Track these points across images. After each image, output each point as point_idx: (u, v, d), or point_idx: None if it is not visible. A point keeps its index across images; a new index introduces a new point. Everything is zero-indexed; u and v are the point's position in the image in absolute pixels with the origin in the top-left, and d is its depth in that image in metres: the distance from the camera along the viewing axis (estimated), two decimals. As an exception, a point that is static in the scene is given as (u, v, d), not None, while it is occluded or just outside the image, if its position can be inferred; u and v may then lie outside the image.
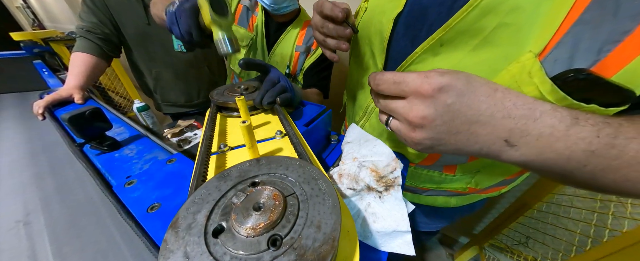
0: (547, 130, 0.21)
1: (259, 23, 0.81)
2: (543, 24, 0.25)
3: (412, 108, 0.25)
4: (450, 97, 0.23)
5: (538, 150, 0.22)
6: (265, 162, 0.24)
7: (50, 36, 1.54)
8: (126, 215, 0.31)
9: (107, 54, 0.89)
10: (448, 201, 0.54)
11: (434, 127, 0.24)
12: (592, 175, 0.22)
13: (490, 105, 0.22)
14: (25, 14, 3.60)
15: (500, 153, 0.23)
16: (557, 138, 0.21)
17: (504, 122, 0.22)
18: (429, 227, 0.67)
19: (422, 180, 0.51)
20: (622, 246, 0.62)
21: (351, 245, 0.20)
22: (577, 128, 0.21)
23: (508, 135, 0.22)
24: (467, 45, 0.31)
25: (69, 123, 0.43)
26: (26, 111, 0.74)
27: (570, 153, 0.21)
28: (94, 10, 0.85)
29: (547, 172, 0.24)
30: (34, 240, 0.34)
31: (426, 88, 0.23)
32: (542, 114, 0.22)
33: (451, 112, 0.23)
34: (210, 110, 0.43)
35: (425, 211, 0.61)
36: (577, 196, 0.80)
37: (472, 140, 0.24)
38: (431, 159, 0.45)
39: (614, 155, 0.20)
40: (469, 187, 0.47)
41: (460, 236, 1.36)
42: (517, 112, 0.22)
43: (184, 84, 1.09)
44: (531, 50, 0.26)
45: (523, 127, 0.22)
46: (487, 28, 0.28)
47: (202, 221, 0.18)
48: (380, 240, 0.30)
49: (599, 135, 0.20)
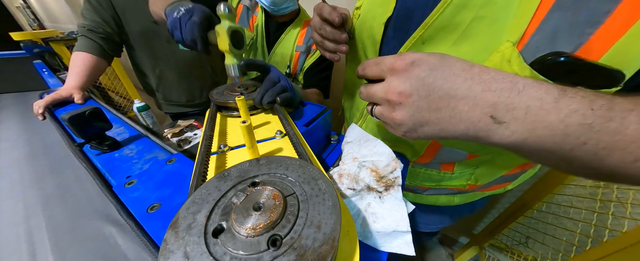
0: (534, 102, 0.20)
1: (259, 23, 0.81)
2: (517, 13, 0.26)
3: (389, 86, 0.25)
4: (423, 71, 0.23)
5: (530, 126, 0.20)
6: (265, 162, 0.24)
7: (50, 36, 1.54)
8: (126, 215, 0.31)
9: (108, 53, 0.88)
10: (451, 199, 0.54)
11: (412, 102, 0.24)
12: (595, 156, 0.19)
13: (466, 78, 0.22)
14: (25, 14, 3.60)
15: (489, 132, 0.22)
16: (547, 111, 0.19)
17: (485, 95, 0.21)
18: (429, 228, 0.67)
19: (421, 179, 0.51)
20: (622, 246, 0.62)
21: (351, 245, 0.20)
22: (567, 100, 0.19)
23: (492, 110, 0.21)
24: (447, 40, 0.32)
25: (69, 123, 0.43)
26: (26, 111, 0.74)
27: (566, 128, 0.19)
28: (97, 9, 0.84)
29: (547, 155, 0.21)
30: (34, 240, 0.34)
31: (399, 64, 0.24)
32: (526, 87, 0.20)
33: (426, 85, 0.23)
34: (210, 110, 0.43)
35: (426, 212, 0.61)
36: (577, 196, 0.80)
37: (456, 118, 0.23)
38: (428, 155, 0.45)
39: (614, 130, 0.18)
40: (469, 183, 0.47)
41: (460, 236, 1.36)
42: (497, 85, 0.21)
43: (186, 83, 1.09)
44: (509, 39, 0.26)
45: (507, 101, 0.20)
46: (463, 22, 0.30)
47: (202, 221, 0.18)
48: (380, 240, 0.30)
49: (593, 108, 0.19)
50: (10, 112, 0.77)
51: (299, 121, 0.43)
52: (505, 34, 0.27)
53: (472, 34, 0.30)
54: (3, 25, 3.20)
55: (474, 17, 0.29)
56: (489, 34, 0.28)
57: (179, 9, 0.46)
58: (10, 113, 0.76)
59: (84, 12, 0.85)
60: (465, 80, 0.22)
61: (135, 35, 0.92)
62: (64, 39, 1.57)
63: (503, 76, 0.21)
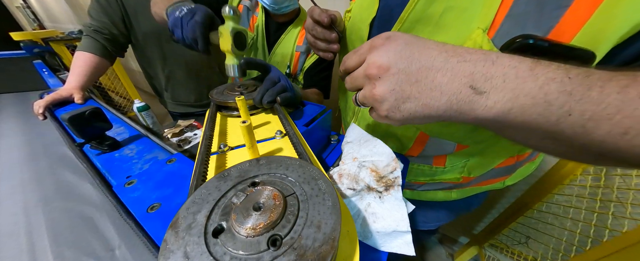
0: (509, 70, 0.20)
1: (260, 23, 0.81)
2: (486, 1, 0.27)
3: (368, 63, 0.25)
4: (399, 45, 0.24)
5: (510, 95, 0.20)
6: (265, 162, 0.24)
7: (50, 36, 1.54)
8: (126, 215, 0.31)
9: (111, 54, 0.89)
10: (448, 195, 0.54)
11: (391, 75, 0.23)
12: (583, 129, 0.19)
13: (441, 51, 0.22)
14: (25, 14, 3.60)
15: (472, 104, 0.21)
16: (524, 79, 0.19)
17: (462, 65, 0.21)
18: (428, 225, 0.68)
19: (415, 174, 0.52)
20: (622, 246, 0.62)
21: (351, 245, 0.20)
22: (542, 67, 0.19)
23: (470, 80, 0.21)
24: (423, 33, 0.33)
25: (69, 123, 0.43)
26: (26, 111, 0.74)
27: (546, 96, 0.19)
28: (106, 9, 0.84)
29: (533, 129, 0.21)
30: (34, 240, 0.34)
31: (376, 41, 0.25)
32: (498, 57, 0.21)
33: (404, 58, 0.23)
34: (210, 110, 0.43)
35: (423, 209, 0.62)
36: (577, 196, 0.80)
37: (437, 91, 0.22)
38: (417, 147, 0.46)
39: (596, 98, 0.18)
40: (463, 176, 0.48)
41: (460, 236, 1.36)
42: (471, 56, 0.21)
43: (195, 83, 1.09)
44: (479, 26, 0.28)
45: (483, 70, 0.20)
46: (435, 14, 0.32)
47: (202, 221, 0.18)
48: (380, 240, 0.30)
49: (570, 76, 0.18)
50: (10, 112, 0.77)
51: (299, 121, 0.43)
52: (475, 22, 0.28)
53: (445, 24, 0.31)
54: (3, 25, 3.20)
55: (444, 8, 0.31)
56: (461, 23, 0.30)
57: (181, 9, 0.47)
58: (10, 113, 0.76)
59: (92, 12, 0.85)
60: (440, 52, 0.22)
61: (146, 35, 0.92)
62: (64, 39, 1.57)
63: (475, 50, 0.22)
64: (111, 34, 0.86)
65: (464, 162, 0.46)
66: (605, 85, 0.18)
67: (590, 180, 0.76)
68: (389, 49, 0.24)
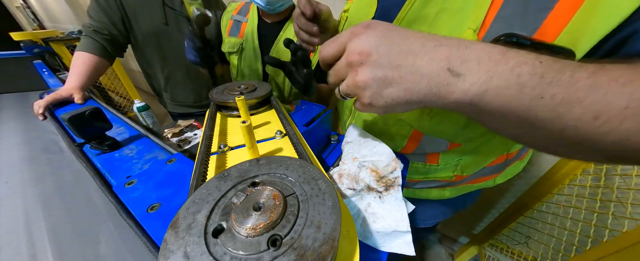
0: (483, 54, 0.21)
1: (250, 27, 0.83)
2: (477, 4, 0.29)
3: (349, 51, 0.25)
4: (380, 31, 0.24)
5: (485, 77, 0.21)
6: (265, 162, 0.24)
7: (50, 36, 1.54)
8: (126, 215, 0.31)
9: (111, 54, 0.89)
10: (442, 193, 0.56)
11: (373, 60, 0.24)
12: (555, 113, 0.20)
13: (418, 37, 0.23)
14: (25, 14, 3.60)
15: (450, 87, 0.22)
16: (496, 62, 0.20)
17: (439, 50, 0.22)
18: (426, 223, 0.69)
19: (409, 172, 0.52)
20: (622, 246, 0.62)
21: (351, 245, 0.20)
22: (513, 52, 0.20)
23: (447, 62, 0.22)
24: None
25: (69, 123, 0.43)
26: (26, 111, 0.74)
27: (518, 78, 0.19)
28: (105, 9, 0.84)
29: (508, 113, 0.22)
30: (34, 240, 0.34)
31: (356, 28, 0.26)
32: (472, 43, 0.22)
33: (385, 43, 0.24)
34: (210, 110, 0.43)
35: (421, 207, 0.62)
36: (577, 196, 0.80)
37: (417, 75, 0.23)
38: (411, 145, 0.47)
39: (567, 82, 0.18)
40: (456, 174, 0.49)
41: (460, 236, 1.36)
42: (447, 41, 0.22)
43: (194, 84, 1.09)
44: (470, 27, 0.29)
45: (459, 53, 0.22)
46: (430, 15, 0.33)
47: (202, 221, 0.18)
48: (380, 240, 0.30)
49: (541, 60, 0.19)
50: (10, 112, 0.77)
51: (299, 121, 0.44)
52: (467, 23, 0.30)
53: (439, 24, 0.33)
54: (3, 25, 3.20)
55: (439, 9, 0.32)
56: (453, 24, 0.31)
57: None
58: (10, 113, 0.76)
59: (91, 12, 0.84)
60: (417, 38, 0.23)
61: (146, 35, 0.92)
62: (64, 39, 1.57)
63: (450, 37, 0.23)
64: (111, 34, 0.86)
65: (456, 160, 0.47)
66: (575, 70, 0.19)
67: (590, 180, 0.76)
68: (370, 35, 0.24)
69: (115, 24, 0.86)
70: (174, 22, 0.92)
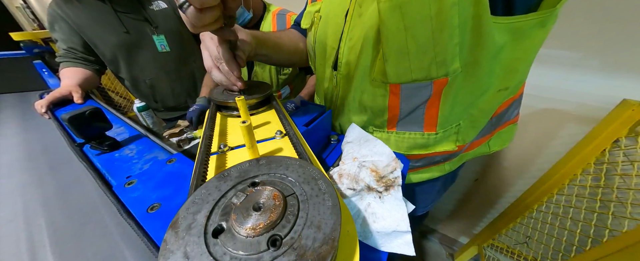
0: None
1: None
2: None
3: None
4: None
5: None
6: (265, 162, 0.24)
7: (50, 36, 1.54)
8: (126, 215, 0.31)
9: (95, 69, 0.91)
10: (442, 168, 0.56)
11: None
12: (280, 40, 0.55)
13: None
14: (25, 14, 3.59)
15: None
16: None
17: None
18: (421, 210, 0.71)
19: (410, 147, 0.49)
20: (622, 246, 0.62)
21: (351, 245, 0.20)
22: None
23: None
24: None
25: (69, 123, 0.43)
26: (26, 111, 0.74)
27: None
28: (64, 39, 0.85)
29: None
30: (34, 240, 0.34)
31: None
32: None
33: None
34: (210, 110, 0.43)
35: (414, 194, 0.63)
36: (577, 196, 0.80)
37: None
38: (394, 108, 0.44)
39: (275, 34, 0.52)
40: (458, 145, 0.48)
41: (460, 236, 1.36)
42: None
43: (179, 84, 1.09)
44: None
45: None
46: None
47: (202, 222, 0.18)
48: (380, 240, 0.30)
49: None
50: (10, 112, 0.77)
51: (299, 121, 0.43)
52: None
53: None
54: (3, 25, 3.19)
55: None
56: None
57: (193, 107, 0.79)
58: (10, 114, 0.76)
59: (58, 44, 0.86)
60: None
61: (114, 52, 0.92)
62: (63, 39, 1.56)
63: None
64: (82, 56, 0.88)
65: (455, 126, 0.46)
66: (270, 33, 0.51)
67: (590, 180, 0.76)
68: None
69: (79, 47, 0.87)
70: (134, 27, 0.92)
